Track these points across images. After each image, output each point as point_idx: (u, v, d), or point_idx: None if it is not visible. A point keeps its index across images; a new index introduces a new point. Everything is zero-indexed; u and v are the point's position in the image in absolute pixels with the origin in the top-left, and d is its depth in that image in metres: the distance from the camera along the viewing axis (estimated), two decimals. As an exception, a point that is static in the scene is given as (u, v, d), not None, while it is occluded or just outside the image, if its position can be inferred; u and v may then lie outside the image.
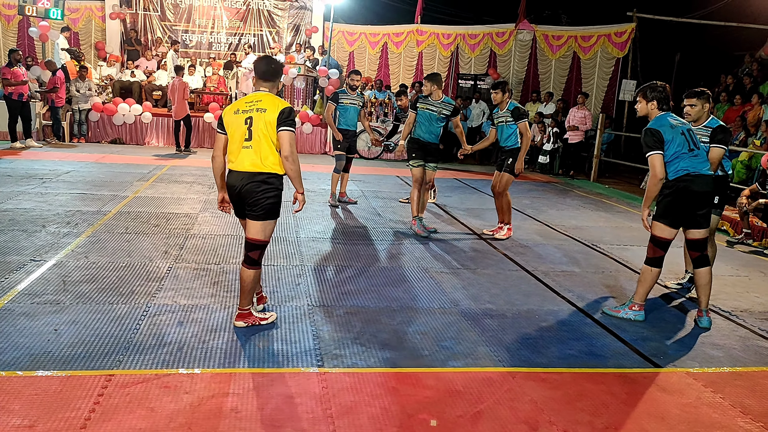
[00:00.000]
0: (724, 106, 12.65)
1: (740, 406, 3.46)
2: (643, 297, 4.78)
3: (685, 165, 4.50)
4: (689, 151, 4.51)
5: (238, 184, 3.88)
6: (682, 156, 4.50)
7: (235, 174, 3.90)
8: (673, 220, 4.60)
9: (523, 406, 3.29)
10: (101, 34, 16.91)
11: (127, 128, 14.07)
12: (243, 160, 3.86)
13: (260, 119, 3.83)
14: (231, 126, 3.92)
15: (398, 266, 5.77)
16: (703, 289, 4.74)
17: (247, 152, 3.86)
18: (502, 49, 16.91)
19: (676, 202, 4.55)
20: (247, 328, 4.02)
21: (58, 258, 5.22)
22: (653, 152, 4.54)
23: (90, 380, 3.22)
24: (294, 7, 17.37)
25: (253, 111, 3.86)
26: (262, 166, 3.85)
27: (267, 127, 3.83)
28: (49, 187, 8.25)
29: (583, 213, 9.28)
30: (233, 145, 3.91)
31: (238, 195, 3.92)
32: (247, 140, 3.85)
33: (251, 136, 3.84)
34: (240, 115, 3.88)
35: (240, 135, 3.86)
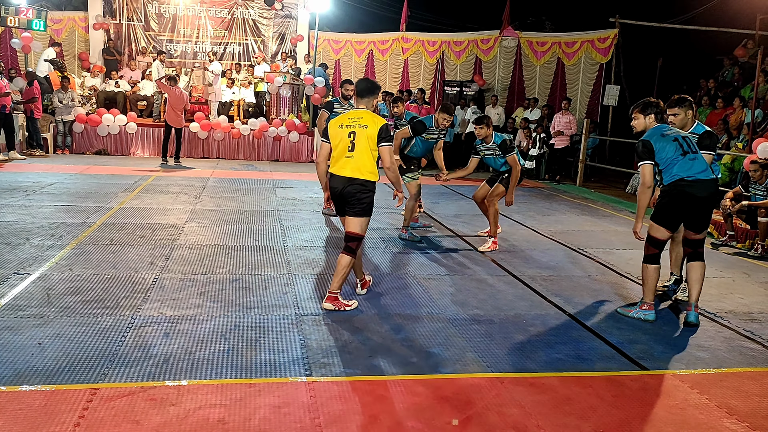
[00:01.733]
0: (706, 110, 12.80)
1: (726, 407, 3.49)
2: (651, 296, 4.87)
3: (678, 170, 4.61)
4: (683, 155, 4.61)
5: (339, 186, 4.59)
6: (676, 161, 4.61)
7: (338, 178, 4.61)
8: (668, 222, 4.75)
9: (511, 411, 3.29)
10: (85, 45, 16.81)
11: (111, 139, 13.99)
12: (344, 167, 4.58)
13: (362, 134, 4.55)
14: (335, 138, 4.63)
15: (386, 273, 5.76)
16: (695, 284, 4.82)
17: (349, 161, 4.57)
18: (487, 55, 17.02)
19: (672, 206, 4.69)
20: (234, 338, 4.00)
21: (42, 271, 5.17)
22: (643, 162, 4.70)
23: (75, 394, 3.18)
24: (279, 16, 17.38)
25: (356, 127, 4.57)
26: (359, 174, 4.56)
27: (368, 141, 4.55)
28: (33, 199, 8.18)
29: (570, 217, 9.33)
30: (337, 153, 4.63)
31: (340, 195, 4.62)
32: (350, 151, 4.57)
33: (354, 149, 4.56)
34: (344, 129, 4.60)
35: (344, 146, 4.58)
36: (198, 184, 10.25)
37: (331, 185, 4.69)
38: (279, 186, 10.64)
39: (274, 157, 14.69)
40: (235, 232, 7.05)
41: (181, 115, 12.63)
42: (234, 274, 5.42)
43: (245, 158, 14.52)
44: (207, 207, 8.36)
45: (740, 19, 14.65)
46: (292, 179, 11.63)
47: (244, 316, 4.44)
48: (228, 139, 14.45)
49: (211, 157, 14.41)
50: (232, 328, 4.20)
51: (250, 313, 4.49)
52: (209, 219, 7.63)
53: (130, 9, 16.72)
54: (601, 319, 4.83)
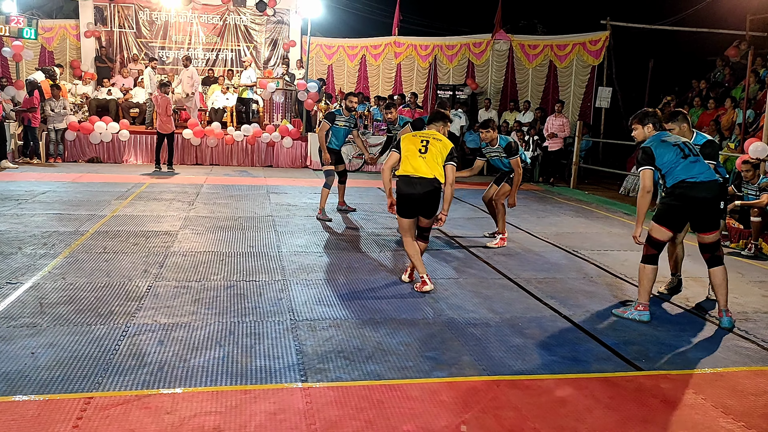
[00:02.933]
0: (698, 111, 12.86)
1: (722, 407, 3.49)
2: (646, 296, 4.89)
3: (680, 173, 4.66)
4: (684, 158, 4.67)
5: (419, 191, 5.11)
6: (677, 164, 4.67)
7: (415, 180, 5.10)
8: (670, 223, 4.80)
9: (507, 414, 3.29)
10: (76, 53, 16.77)
11: (104, 147, 13.94)
12: (419, 167, 5.08)
13: (435, 144, 5.16)
14: (407, 147, 5.19)
15: (381, 278, 5.76)
16: (719, 288, 4.85)
17: (422, 161, 5.10)
18: (479, 59, 17.06)
19: (674, 208, 4.74)
20: (229, 344, 3.99)
21: (35, 280, 5.14)
22: (643, 167, 4.76)
23: (68, 403, 3.16)
24: (271, 22, 17.38)
25: (430, 138, 5.22)
26: (436, 173, 5.10)
27: (441, 150, 5.16)
28: (25, 208, 8.14)
29: (564, 219, 9.35)
30: (409, 154, 5.14)
31: (419, 200, 5.14)
32: (422, 153, 5.10)
33: (426, 151, 5.11)
34: (417, 138, 5.23)
35: (416, 149, 5.14)
36: (191, 191, 10.22)
37: (406, 190, 5.13)
38: (273, 192, 10.62)
39: (268, 162, 14.67)
40: (229, 238, 7.03)
41: (169, 121, 12.61)
42: (228, 281, 5.40)
43: (239, 164, 14.50)
44: (201, 214, 8.33)
45: (730, 20, 14.74)
46: (286, 185, 11.62)
47: (239, 322, 4.42)
48: (221, 146, 14.43)
49: (205, 163, 14.38)
50: (226, 334, 4.18)
51: (244, 320, 4.48)
52: (203, 226, 7.61)
53: (121, 16, 16.70)
54: (597, 321, 4.84)
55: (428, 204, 5.20)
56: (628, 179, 12.80)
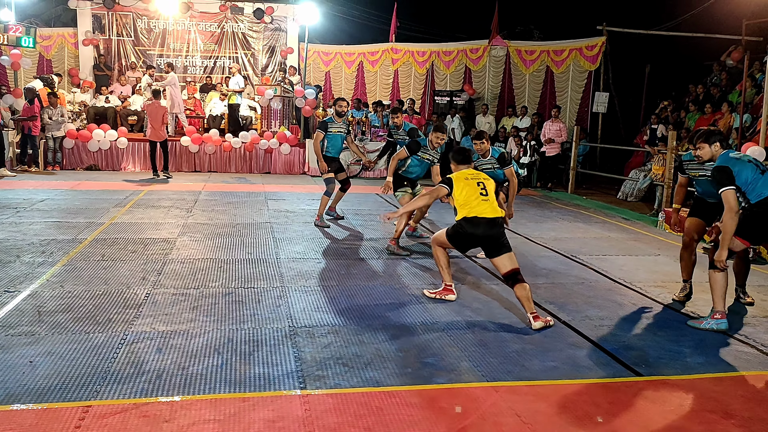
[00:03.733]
0: (694, 115, 12.90)
1: (722, 412, 3.49)
2: (722, 303, 4.83)
3: (762, 189, 4.67)
4: (762, 173, 4.70)
5: (481, 231, 4.99)
6: (757, 180, 4.68)
7: (479, 220, 4.97)
8: (752, 236, 4.82)
9: (507, 420, 3.28)
10: (74, 61, 16.79)
11: (102, 154, 13.95)
12: (485, 210, 5.00)
13: (490, 183, 5.20)
14: (465, 188, 5.13)
15: (379, 284, 5.75)
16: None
17: (486, 203, 5.04)
18: (476, 65, 17.11)
19: (759, 221, 4.73)
20: (227, 352, 3.98)
21: (33, 288, 5.13)
22: (726, 188, 4.68)
23: (67, 412, 3.15)
24: (269, 29, 17.42)
25: (480, 178, 5.21)
26: (498, 213, 5.04)
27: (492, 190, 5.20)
28: (24, 216, 8.13)
29: (562, 224, 9.36)
30: (471, 198, 5.04)
31: (482, 238, 5.04)
32: (483, 196, 5.06)
33: (487, 194, 5.10)
34: (473, 182, 5.16)
35: (476, 192, 5.07)
36: (190, 198, 10.22)
37: (473, 227, 4.99)
38: (271, 198, 10.62)
39: (266, 169, 14.67)
40: (227, 245, 7.03)
41: (161, 129, 12.63)
42: (227, 288, 5.39)
43: (237, 171, 14.51)
44: (199, 221, 8.33)
45: (726, 25, 14.81)
46: (284, 191, 11.62)
47: (238, 329, 4.41)
48: (219, 152, 14.44)
49: (203, 170, 14.38)
50: (225, 342, 4.18)
51: (243, 327, 4.47)
52: (201, 233, 7.60)
53: (119, 24, 16.74)
54: (596, 326, 4.83)
55: (496, 239, 5.03)
56: (626, 184, 12.81)
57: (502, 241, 4.98)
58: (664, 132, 12.46)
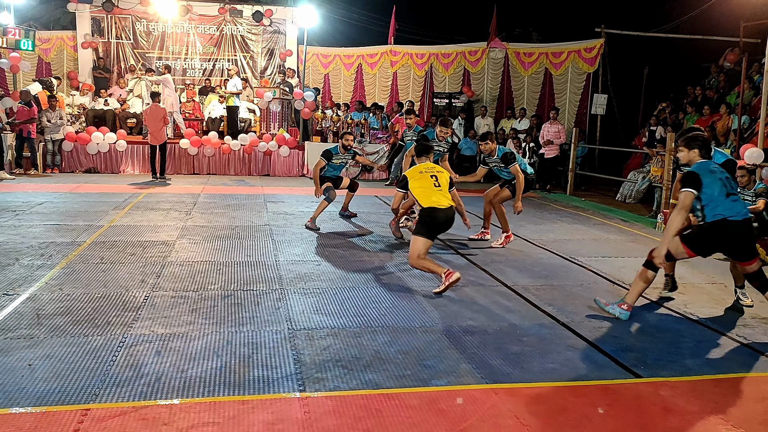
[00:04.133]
0: (693, 117, 12.92)
1: (721, 414, 3.49)
2: (634, 299, 5.02)
3: (723, 210, 4.67)
4: (728, 196, 4.70)
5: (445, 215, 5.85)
6: (721, 198, 4.68)
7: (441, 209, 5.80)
8: (700, 249, 4.86)
9: (506, 422, 3.28)
10: (73, 64, 16.80)
11: (101, 157, 13.95)
12: (440, 200, 5.83)
13: (441, 177, 6.00)
14: (422, 184, 5.94)
15: (378, 286, 5.75)
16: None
17: (441, 194, 5.89)
18: (475, 67, 17.13)
19: (709, 239, 4.77)
20: (226, 354, 3.98)
21: (32, 291, 5.13)
22: (687, 189, 4.72)
23: (65, 415, 3.15)
24: (268, 32, 17.44)
25: (435, 173, 6.02)
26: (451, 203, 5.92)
27: (445, 181, 6.00)
28: (23, 219, 8.13)
29: (561, 226, 9.37)
30: (428, 190, 5.89)
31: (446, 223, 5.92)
32: (437, 187, 5.91)
33: (440, 185, 5.94)
34: (426, 174, 6.00)
35: (431, 184, 5.92)
36: (189, 201, 10.22)
37: (438, 214, 5.79)
38: (270, 201, 10.63)
39: (265, 171, 14.68)
40: (226, 247, 7.03)
41: (160, 132, 12.62)
42: (226, 291, 5.39)
43: (236, 173, 14.51)
44: (198, 223, 8.33)
45: (724, 27, 14.84)
46: (283, 194, 11.62)
47: (237, 332, 4.41)
48: (218, 155, 14.44)
49: (202, 173, 14.38)
50: (224, 344, 4.17)
51: (242, 330, 4.47)
52: (200, 235, 7.60)
53: (118, 27, 16.74)
54: (595, 328, 4.83)
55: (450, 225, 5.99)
56: (625, 186, 12.83)
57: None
58: (662, 133, 12.48)
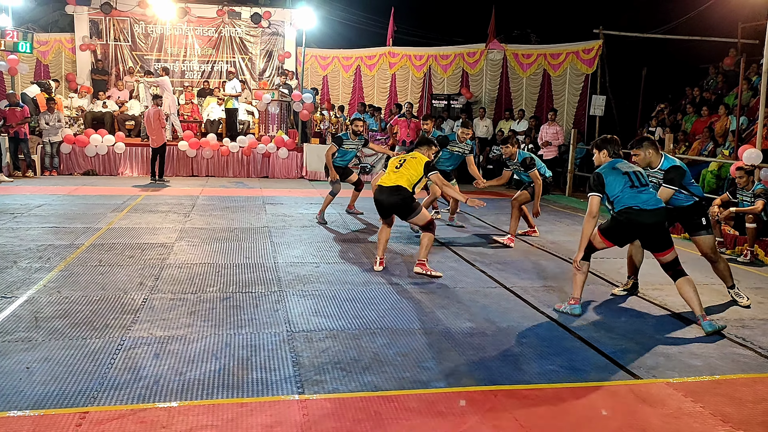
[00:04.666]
0: (691, 118, 12.93)
1: (720, 415, 3.49)
2: (579, 291, 5.20)
3: (627, 200, 4.92)
4: (632, 187, 4.93)
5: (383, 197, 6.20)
6: (624, 193, 4.93)
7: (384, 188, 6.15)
8: (614, 238, 5.13)
9: (505, 424, 3.27)
10: (72, 66, 16.80)
11: (100, 159, 13.93)
12: (385, 180, 6.23)
13: (411, 161, 6.23)
14: (389, 164, 6.38)
15: (377, 288, 5.74)
16: (691, 300, 4.92)
17: (394, 175, 6.19)
18: (473, 68, 17.13)
19: (619, 228, 5.05)
20: (225, 357, 3.97)
21: (30, 294, 5.12)
22: (592, 193, 5.09)
23: (63, 419, 3.14)
24: (266, 34, 17.46)
25: (408, 158, 6.30)
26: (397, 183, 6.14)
27: (416, 165, 6.19)
28: (21, 221, 8.11)
29: (559, 227, 9.36)
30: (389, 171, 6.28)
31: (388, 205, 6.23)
32: (396, 168, 6.23)
33: (400, 167, 6.22)
34: (396, 160, 6.39)
35: (393, 165, 6.30)
36: (187, 203, 10.21)
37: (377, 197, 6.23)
38: (269, 203, 10.62)
39: (264, 173, 14.67)
40: (225, 250, 7.02)
41: (158, 134, 12.62)
42: (224, 293, 5.38)
43: (235, 176, 14.50)
44: (197, 225, 8.32)
45: (722, 28, 14.85)
46: (282, 196, 11.61)
47: (235, 334, 4.40)
48: (217, 157, 14.43)
49: (201, 175, 14.37)
50: (223, 347, 4.17)
51: (241, 332, 4.46)
52: (199, 237, 7.59)
53: (116, 30, 16.75)
54: (594, 329, 4.83)
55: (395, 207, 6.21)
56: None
57: (405, 206, 6.13)
58: (661, 135, 12.49)
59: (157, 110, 12.57)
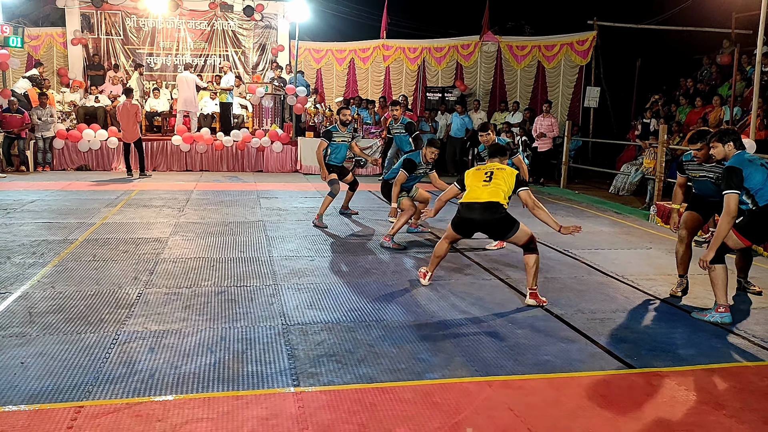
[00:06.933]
0: (685, 109, 12.96)
1: (714, 403, 3.51)
2: (724, 296, 4.86)
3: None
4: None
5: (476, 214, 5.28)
6: (766, 184, 4.67)
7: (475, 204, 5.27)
8: (755, 237, 4.87)
9: (500, 415, 3.28)
10: (63, 60, 16.69)
11: (93, 154, 13.87)
12: (481, 195, 5.27)
13: (500, 174, 5.38)
14: (471, 178, 5.46)
15: (373, 281, 5.75)
16: None
17: (487, 189, 5.30)
18: (467, 60, 17.10)
19: (763, 224, 4.74)
20: (220, 350, 3.97)
21: (24, 289, 5.10)
22: (730, 191, 4.68)
23: (58, 413, 3.13)
24: (259, 27, 17.36)
25: (494, 169, 5.42)
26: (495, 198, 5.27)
27: (507, 178, 5.37)
28: (14, 217, 8.08)
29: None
30: (474, 185, 5.37)
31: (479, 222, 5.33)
32: (485, 182, 5.32)
33: (490, 180, 5.33)
34: (480, 171, 5.45)
35: (479, 179, 5.37)
36: (181, 197, 10.18)
37: (468, 211, 5.33)
38: (263, 197, 10.60)
39: (258, 167, 14.63)
40: (219, 244, 7.01)
41: (132, 128, 12.58)
42: (219, 287, 5.38)
43: (229, 170, 14.46)
44: (191, 220, 8.30)
45: (716, 18, 14.86)
46: (276, 189, 11.59)
47: (230, 328, 4.40)
48: (211, 151, 14.38)
49: (195, 169, 14.33)
50: (218, 340, 4.16)
51: (236, 325, 4.46)
52: (193, 232, 7.58)
53: (108, 23, 16.63)
54: (588, 320, 4.85)
55: (489, 226, 5.41)
56: (618, 178, 12.85)
57: (503, 224, 5.33)
58: (656, 126, 12.51)
59: (131, 104, 12.50)
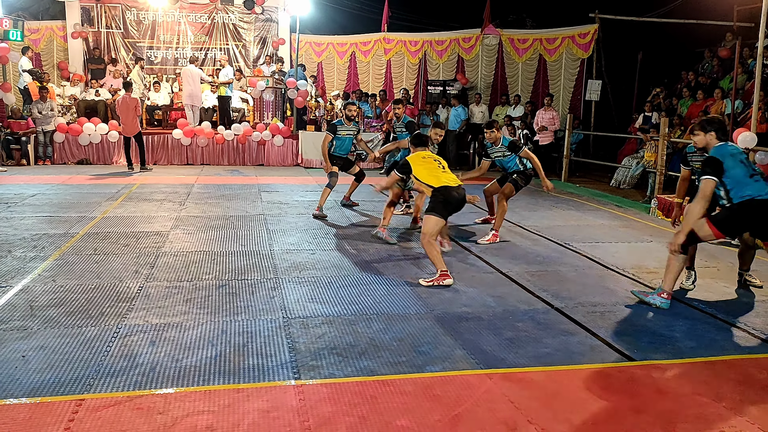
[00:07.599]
0: (687, 102, 12.92)
1: (714, 395, 3.51)
2: (671, 285, 4.94)
3: (751, 191, 4.65)
4: (750, 177, 4.68)
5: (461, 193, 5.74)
6: (746, 180, 4.66)
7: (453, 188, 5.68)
8: (729, 231, 4.86)
9: (501, 407, 3.29)
10: (64, 54, 16.64)
11: (93, 148, 13.86)
12: (449, 179, 5.77)
13: (444, 162, 5.99)
14: (423, 165, 5.93)
15: (373, 274, 5.75)
16: None
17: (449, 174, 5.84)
18: (469, 54, 17.05)
19: (740, 220, 4.73)
20: (221, 344, 3.97)
21: (25, 283, 5.11)
22: (708, 177, 4.69)
23: (60, 406, 3.14)
24: (260, 20, 17.30)
25: (438, 158, 6.05)
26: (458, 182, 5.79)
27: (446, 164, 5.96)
28: (15, 211, 8.08)
29: (555, 212, 9.37)
30: (434, 172, 5.83)
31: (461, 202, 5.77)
32: (443, 170, 5.86)
33: (445, 168, 5.90)
34: (429, 159, 5.99)
35: (435, 167, 5.89)
36: (182, 191, 10.18)
37: (451, 195, 5.66)
38: (264, 190, 10.59)
39: (259, 161, 14.62)
40: (220, 237, 7.01)
41: (132, 122, 12.58)
42: (220, 280, 5.38)
43: (230, 163, 14.45)
44: (192, 213, 8.30)
45: (717, 11, 14.79)
46: (277, 183, 11.59)
47: (231, 321, 4.41)
48: (212, 145, 14.37)
49: (195, 163, 14.32)
50: (219, 334, 4.17)
51: (237, 319, 4.47)
52: (194, 225, 7.58)
53: (108, 17, 16.57)
54: (589, 313, 4.85)
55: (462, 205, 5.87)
56: (619, 171, 12.83)
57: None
58: (657, 119, 12.48)
59: (131, 98, 12.49)
